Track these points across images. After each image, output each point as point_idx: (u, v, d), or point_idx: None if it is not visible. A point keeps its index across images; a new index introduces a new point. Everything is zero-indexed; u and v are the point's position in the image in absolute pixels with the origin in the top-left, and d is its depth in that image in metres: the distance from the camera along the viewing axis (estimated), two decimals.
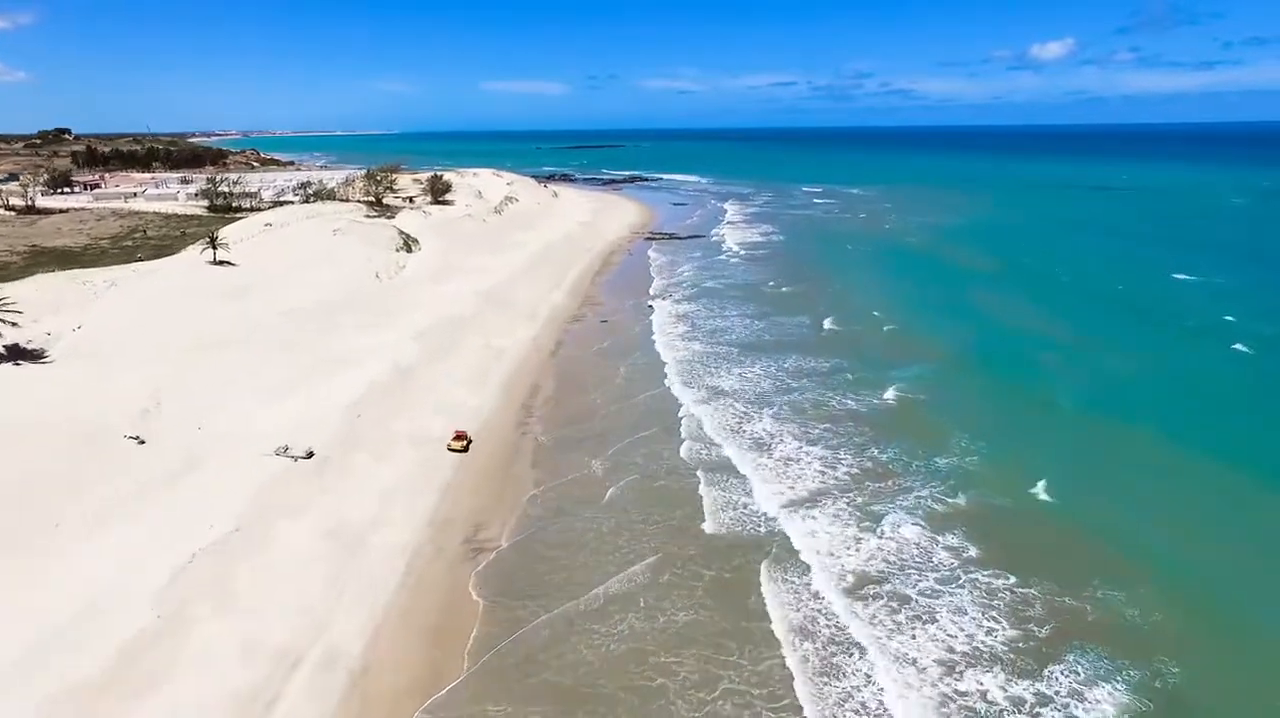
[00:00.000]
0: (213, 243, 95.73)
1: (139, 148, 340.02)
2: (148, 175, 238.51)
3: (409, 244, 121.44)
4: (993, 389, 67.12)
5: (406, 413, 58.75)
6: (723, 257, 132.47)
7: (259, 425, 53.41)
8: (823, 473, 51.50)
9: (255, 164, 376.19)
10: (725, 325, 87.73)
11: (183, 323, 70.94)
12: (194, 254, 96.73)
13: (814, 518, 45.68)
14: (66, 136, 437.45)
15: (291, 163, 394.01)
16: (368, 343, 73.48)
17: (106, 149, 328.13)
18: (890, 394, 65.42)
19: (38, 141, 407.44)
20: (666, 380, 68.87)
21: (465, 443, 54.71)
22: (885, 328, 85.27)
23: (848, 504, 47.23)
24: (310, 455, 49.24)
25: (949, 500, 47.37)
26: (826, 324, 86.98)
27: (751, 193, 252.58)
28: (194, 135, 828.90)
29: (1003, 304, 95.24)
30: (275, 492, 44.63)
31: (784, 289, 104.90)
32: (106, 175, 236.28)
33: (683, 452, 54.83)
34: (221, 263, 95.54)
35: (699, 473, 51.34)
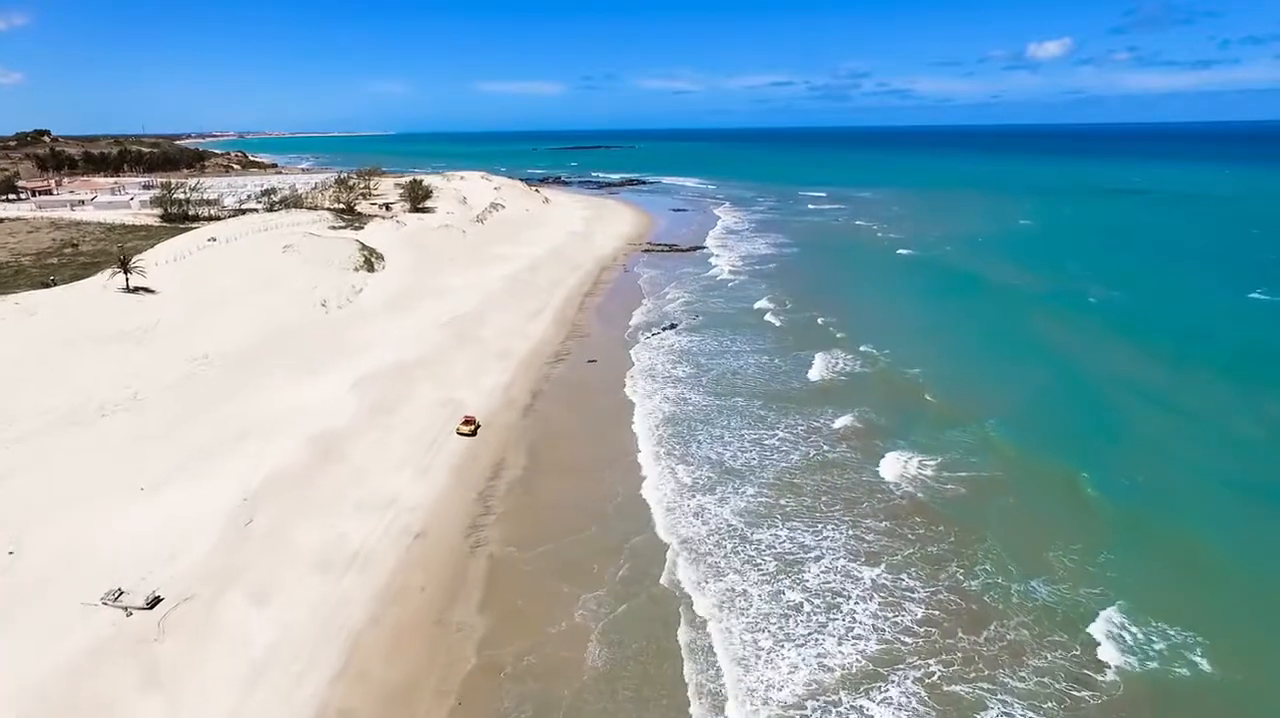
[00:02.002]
0: (124, 266, 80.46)
1: (111, 150, 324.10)
2: (109, 180, 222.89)
3: (371, 262, 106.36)
4: (1084, 467, 51.64)
5: (318, 513, 43.65)
6: (728, 274, 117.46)
7: (103, 544, 38.37)
8: (882, 619, 36.47)
9: (235, 166, 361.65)
10: (735, 367, 72.60)
11: (53, 382, 55.87)
12: (104, 280, 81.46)
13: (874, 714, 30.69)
14: (45, 138, 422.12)
15: (274, 165, 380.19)
16: (290, 401, 58.40)
17: (76, 151, 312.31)
18: (954, 476, 50.48)
19: (12, 143, 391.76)
20: (666, 457, 53.81)
21: (474, 428, 55.95)
22: (924, 372, 70.05)
23: (922, 682, 32.21)
24: (154, 604, 34.16)
25: (1086, 674, 32.39)
26: (852, 366, 71.84)
27: (753, 197, 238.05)
28: (189, 137, 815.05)
29: (1057, 337, 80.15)
30: (78, 680, 29.56)
31: (799, 317, 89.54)
32: (65, 180, 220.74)
33: (689, 584, 39.83)
34: (137, 290, 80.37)
35: (715, 628, 36.26)
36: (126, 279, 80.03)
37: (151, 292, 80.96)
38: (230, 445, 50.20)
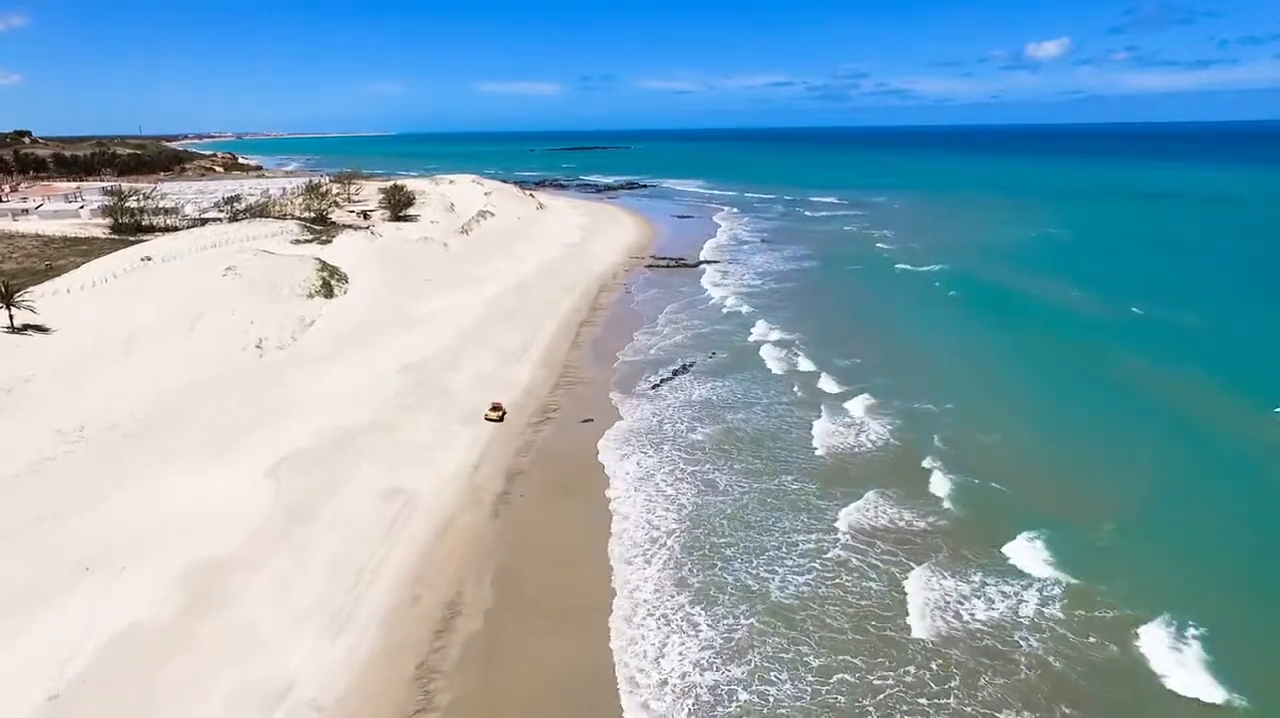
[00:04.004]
0: (6, 300, 65.16)
1: (83, 153, 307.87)
2: (71, 185, 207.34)
3: (331, 285, 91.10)
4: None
5: (164, 712, 28.40)
6: (744, 297, 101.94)
7: None
8: None
9: (218, 169, 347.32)
10: (767, 429, 57.22)
11: None
12: None
13: None
14: (25, 139, 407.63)
15: (259, 168, 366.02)
16: (179, 500, 43.14)
17: (47, 153, 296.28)
18: (1090, 620, 35.42)
19: None
20: (679, 588, 38.52)
21: (501, 414, 58.22)
22: (1007, 440, 54.88)
23: None
24: None
25: None
26: (915, 431, 56.44)
27: (761, 203, 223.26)
28: (186, 138, 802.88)
29: (1148, 386, 64.62)
30: None
31: (835, 359, 73.65)
32: (22, 185, 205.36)
33: None
34: (25, 328, 65.12)
35: None
36: (10, 316, 64.72)
37: (45, 331, 65.70)
38: (63, 588, 34.97)
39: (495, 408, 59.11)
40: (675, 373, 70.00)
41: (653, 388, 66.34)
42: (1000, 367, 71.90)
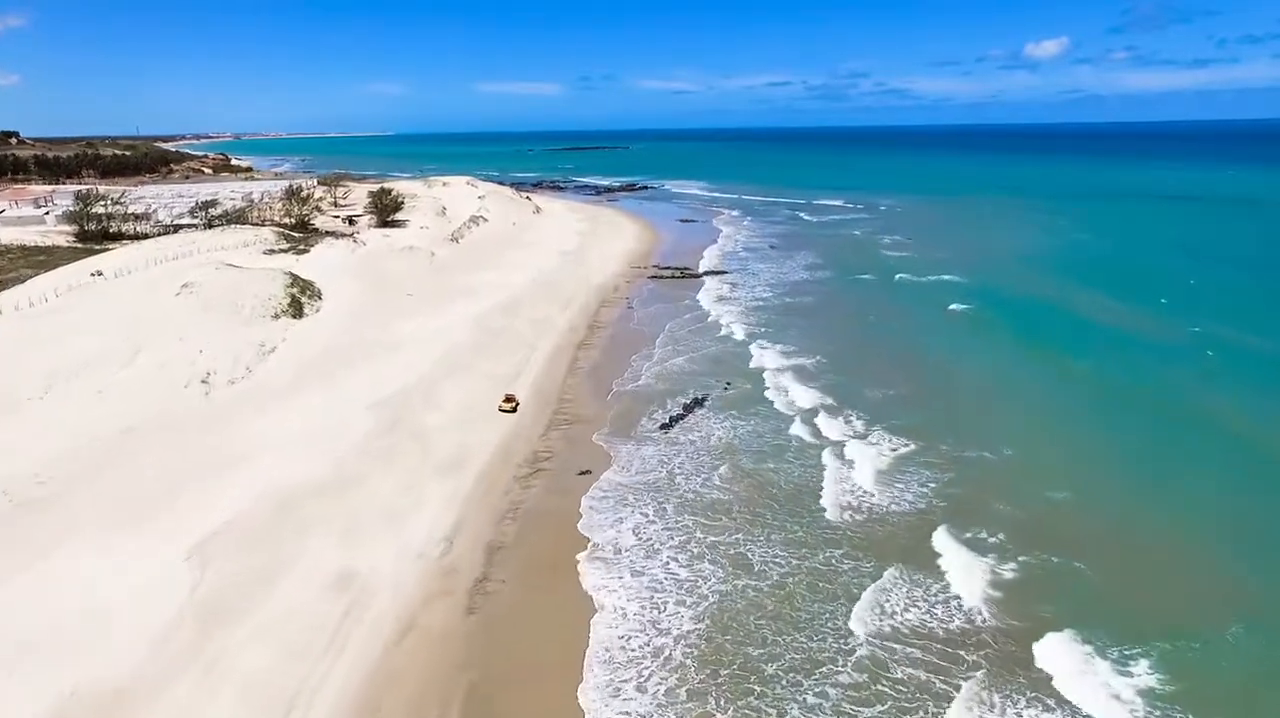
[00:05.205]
0: None
1: (67, 154, 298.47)
2: (47, 188, 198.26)
3: (300, 303, 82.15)
4: None
5: None
6: (757, 314, 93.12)
7: None
8: None
9: (207, 170, 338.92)
10: (802, 481, 48.59)
11: None
12: None
13: None
14: (12, 140, 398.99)
15: (249, 169, 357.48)
16: (74, 592, 34.28)
17: (27, 154, 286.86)
18: None
19: None
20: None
21: (514, 405, 58.36)
22: (1099, 509, 46.33)
23: None
24: None
25: None
26: (953, 484, 47.75)
27: (764, 205, 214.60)
28: (184, 138, 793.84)
29: (1263, 434, 56.15)
30: None
31: (866, 393, 65.12)
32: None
33: None
34: None
35: None
36: None
37: None
38: None
39: (509, 399, 59.13)
40: (686, 409, 61.08)
41: (661, 428, 57.50)
42: (1054, 401, 63.05)
